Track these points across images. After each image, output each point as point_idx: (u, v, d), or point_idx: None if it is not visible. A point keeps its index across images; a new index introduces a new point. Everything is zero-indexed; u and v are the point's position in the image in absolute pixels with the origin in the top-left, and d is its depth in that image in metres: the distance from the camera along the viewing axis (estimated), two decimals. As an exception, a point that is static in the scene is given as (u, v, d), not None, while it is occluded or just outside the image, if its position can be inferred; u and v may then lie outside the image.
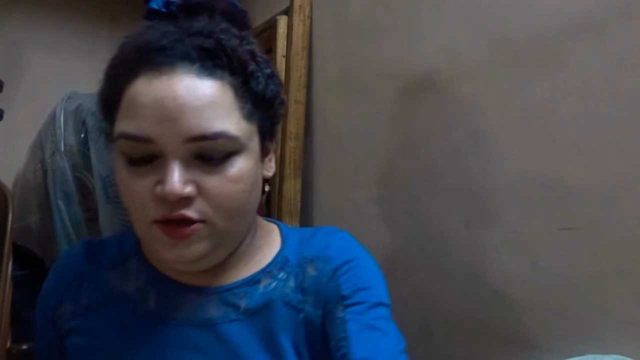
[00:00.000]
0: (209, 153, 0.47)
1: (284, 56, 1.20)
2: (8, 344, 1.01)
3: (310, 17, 1.18)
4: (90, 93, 1.35)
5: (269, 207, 1.27)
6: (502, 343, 0.73)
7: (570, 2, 0.64)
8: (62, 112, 1.37)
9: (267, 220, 0.63)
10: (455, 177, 0.81)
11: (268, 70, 0.53)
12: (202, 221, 0.48)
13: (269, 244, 0.60)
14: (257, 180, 0.54)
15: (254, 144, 0.52)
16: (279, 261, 0.58)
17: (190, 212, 0.47)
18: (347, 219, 1.07)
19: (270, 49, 1.26)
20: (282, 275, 0.57)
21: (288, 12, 1.19)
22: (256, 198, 0.54)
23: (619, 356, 0.55)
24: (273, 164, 0.58)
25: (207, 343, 0.53)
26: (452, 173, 0.81)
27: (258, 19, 1.39)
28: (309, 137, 1.19)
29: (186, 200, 0.47)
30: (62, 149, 1.33)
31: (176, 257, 0.49)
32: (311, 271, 0.57)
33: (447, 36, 0.82)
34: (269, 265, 0.57)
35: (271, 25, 1.26)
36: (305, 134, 1.18)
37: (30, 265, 1.36)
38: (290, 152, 1.16)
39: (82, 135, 1.32)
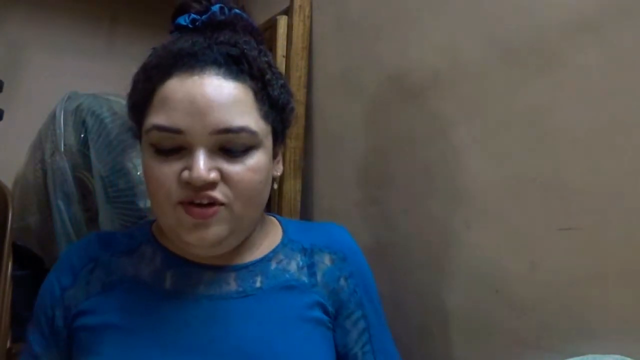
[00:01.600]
0: (231, 145, 0.54)
1: (284, 56, 1.20)
2: (8, 344, 1.01)
3: (310, 17, 1.18)
4: (90, 93, 1.35)
5: (269, 207, 1.27)
6: (502, 343, 0.73)
7: (570, 2, 0.64)
8: (62, 112, 1.37)
9: (265, 214, 0.70)
10: (455, 177, 0.81)
11: (281, 81, 0.60)
12: (222, 204, 0.54)
13: (274, 231, 0.67)
14: (270, 176, 0.60)
15: (269, 142, 0.58)
16: (285, 243, 0.65)
17: (215, 194, 0.53)
18: (347, 219, 1.07)
19: (270, 49, 1.26)
20: (290, 256, 0.64)
21: (288, 12, 1.20)
22: (268, 192, 0.60)
23: (619, 356, 0.55)
24: (281, 165, 0.65)
25: (224, 316, 0.57)
26: (452, 173, 0.81)
27: (258, 19, 1.39)
28: (309, 137, 1.19)
29: (209, 186, 0.53)
30: (62, 149, 1.33)
31: (198, 238, 0.54)
32: (327, 261, 0.65)
33: (447, 36, 0.82)
34: (278, 246, 0.64)
35: (271, 25, 1.26)
36: (305, 134, 1.18)
37: (30, 265, 1.36)
38: (290, 152, 1.16)
39: (82, 135, 1.32)
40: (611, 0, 0.59)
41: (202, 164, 0.52)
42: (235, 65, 0.55)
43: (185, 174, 0.52)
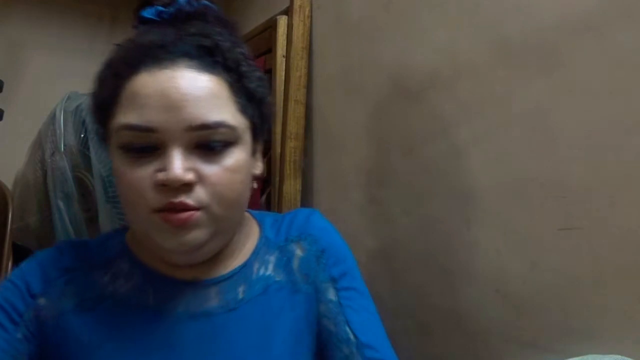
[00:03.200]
0: (208, 142, 0.50)
1: (284, 56, 1.20)
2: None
3: (310, 17, 1.18)
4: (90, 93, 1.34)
5: (269, 207, 1.27)
6: (502, 343, 0.73)
7: (570, 2, 0.64)
8: (62, 112, 1.37)
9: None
10: (455, 177, 0.81)
11: (258, 73, 0.57)
12: (200, 208, 0.50)
13: (253, 231, 0.63)
14: (250, 175, 0.56)
15: (248, 138, 0.55)
16: (264, 243, 0.62)
17: (190, 200, 0.49)
18: (347, 219, 1.07)
19: (270, 49, 1.26)
20: (269, 256, 0.61)
21: (288, 12, 1.19)
22: (249, 191, 0.57)
23: (618, 356, 0.55)
24: (261, 163, 0.61)
25: (209, 333, 0.54)
26: (452, 173, 0.81)
27: (258, 19, 1.40)
28: (309, 137, 1.19)
29: (187, 187, 0.49)
30: (62, 148, 1.33)
31: (177, 245, 0.51)
32: (299, 252, 0.62)
33: (447, 36, 0.82)
34: (257, 249, 0.61)
35: (271, 25, 1.26)
36: (305, 134, 1.18)
37: (30, 265, 1.36)
38: (290, 152, 1.16)
39: (82, 135, 1.32)
40: (611, 0, 0.59)
41: (178, 164, 0.48)
42: (209, 56, 0.52)
43: (160, 175, 0.48)
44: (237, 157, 0.52)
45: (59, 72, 1.60)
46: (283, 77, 1.20)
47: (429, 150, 0.86)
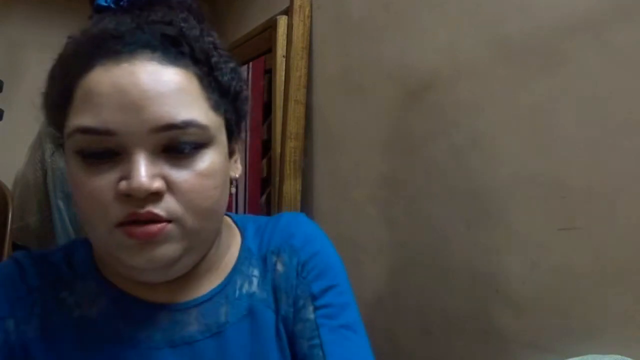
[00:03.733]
0: (177, 144, 0.43)
1: (284, 56, 1.20)
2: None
3: (310, 17, 1.18)
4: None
5: (269, 207, 1.27)
6: (502, 343, 0.73)
7: (570, 2, 0.64)
8: (62, 112, 1.37)
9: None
10: (455, 177, 0.81)
11: (232, 64, 0.50)
12: (171, 220, 0.44)
13: (233, 241, 0.56)
14: (227, 179, 0.50)
15: (222, 137, 0.48)
16: (245, 255, 0.55)
17: (158, 210, 0.43)
18: (347, 219, 1.07)
19: (270, 49, 1.26)
20: (252, 269, 0.54)
21: (288, 12, 1.19)
22: (226, 198, 0.50)
23: (618, 356, 0.55)
24: (239, 165, 0.54)
25: None
26: (452, 173, 0.81)
27: (258, 19, 1.40)
28: (309, 137, 1.19)
29: (154, 197, 0.43)
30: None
31: (146, 261, 0.44)
32: (279, 267, 0.55)
33: (447, 36, 0.82)
34: (238, 262, 0.54)
35: (271, 25, 1.26)
36: (305, 134, 1.18)
37: (30, 265, 1.36)
38: (290, 152, 1.16)
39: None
40: (611, 0, 0.59)
41: (143, 171, 0.42)
42: (174, 47, 0.45)
43: (123, 184, 0.42)
44: (210, 160, 0.45)
45: (59, 72, 1.60)
46: (283, 77, 1.20)
47: (429, 150, 0.86)
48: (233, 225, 0.58)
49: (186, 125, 0.43)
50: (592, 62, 0.61)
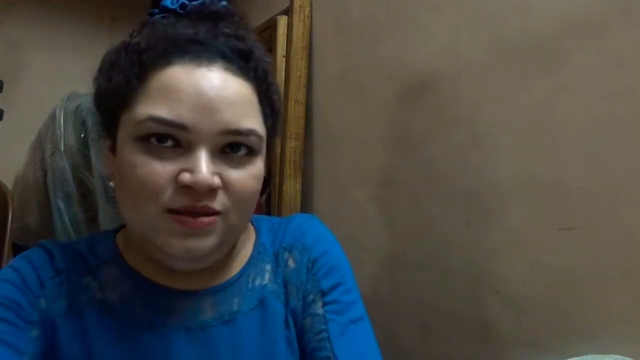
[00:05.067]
0: (236, 148, 0.48)
1: (284, 56, 1.20)
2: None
3: (310, 17, 1.18)
4: (90, 93, 1.34)
5: (269, 207, 1.27)
6: (502, 343, 0.73)
7: (570, 2, 0.64)
8: (62, 112, 1.37)
9: None
10: (455, 177, 0.81)
11: (277, 86, 0.55)
12: (220, 213, 0.48)
13: (249, 236, 0.60)
14: (260, 184, 0.54)
15: (264, 148, 0.53)
16: (259, 251, 0.59)
17: (215, 204, 0.47)
18: (347, 219, 1.07)
19: (270, 49, 1.26)
20: (265, 264, 0.58)
21: (288, 12, 1.20)
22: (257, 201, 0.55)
23: (618, 356, 0.55)
24: (265, 174, 0.58)
25: (203, 347, 0.52)
26: (452, 173, 0.81)
27: (258, 19, 1.40)
28: (309, 137, 1.19)
29: (211, 192, 0.47)
30: (62, 149, 1.33)
31: (185, 249, 0.47)
32: (291, 263, 0.59)
33: (447, 36, 0.82)
34: (252, 257, 0.58)
35: (271, 25, 1.26)
36: (305, 134, 1.18)
37: (30, 265, 1.36)
38: (290, 152, 1.16)
39: (82, 135, 1.32)
40: (611, 0, 0.59)
41: (207, 167, 0.46)
42: (244, 61, 0.50)
43: (187, 176, 0.45)
44: (259, 165, 0.50)
45: (59, 72, 1.60)
46: (283, 77, 1.20)
47: (428, 150, 0.86)
48: (251, 225, 0.62)
49: (249, 133, 0.48)
50: (592, 62, 0.62)
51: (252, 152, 0.49)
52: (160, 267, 0.53)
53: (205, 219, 0.47)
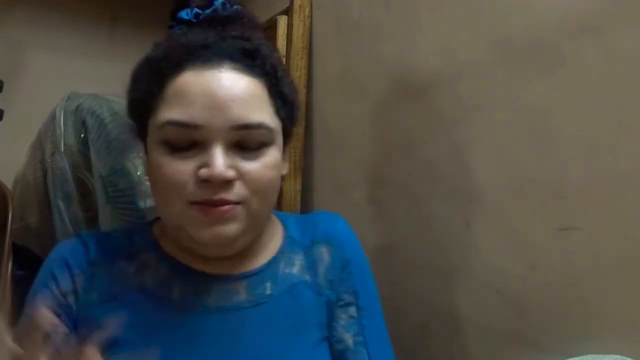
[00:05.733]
0: (247, 142, 0.52)
1: (284, 56, 1.20)
2: (8, 344, 1.01)
3: (310, 17, 1.18)
4: (90, 93, 1.35)
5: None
6: (502, 343, 0.73)
7: (570, 2, 0.64)
8: (62, 112, 1.37)
9: None
10: (455, 177, 0.81)
11: (290, 78, 0.60)
12: (239, 203, 0.52)
13: (277, 230, 0.65)
14: (280, 174, 0.58)
15: (280, 139, 0.57)
16: (289, 242, 0.63)
17: (230, 196, 0.51)
18: (347, 219, 1.07)
19: (270, 49, 1.26)
20: (295, 255, 0.62)
21: (288, 12, 1.19)
22: (278, 189, 0.58)
23: (618, 356, 0.55)
24: (287, 164, 0.63)
25: (235, 328, 0.55)
26: (452, 173, 0.81)
27: (258, 19, 1.39)
28: (309, 137, 1.19)
29: (228, 184, 0.51)
30: (62, 149, 1.33)
31: (211, 237, 0.52)
32: (326, 256, 0.63)
33: (447, 36, 0.82)
34: (282, 247, 0.62)
35: (271, 25, 1.26)
36: (305, 134, 1.18)
37: (30, 265, 1.36)
38: (290, 152, 1.16)
39: (82, 135, 1.32)
40: (612, 1, 0.59)
41: (221, 161, 0.50)
42: (251, 60, 0.54)
43: (204, 171, 0.50)
44: (272, 155, 0.54)
45: (59, 72, 1.60)
46: (283, 77, 1.20)
47: (429, 150, 0.86)
48: (276, 218, 0.66)
49: (258, 126, 0.52)
50: (592, 63, 0.61)
51: (264, 144, 0.53)
52: (194, 254, 0.58)
53: (224, 208, 0.51)
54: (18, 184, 1.52)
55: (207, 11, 0.58)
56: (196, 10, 0.58)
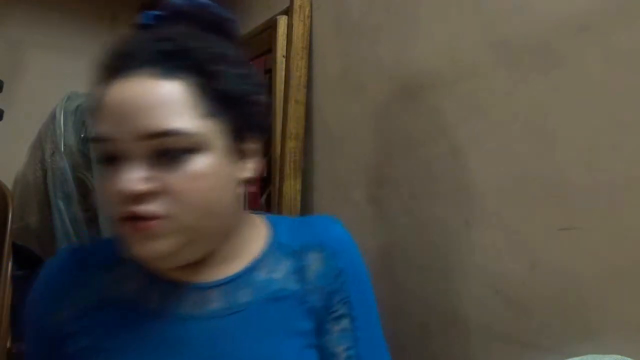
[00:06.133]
0: (166, 151, 0.49)
1: (284, 56, 1.20)
2: (8, 344, 1.01)
3: (310, 17, 1.18)
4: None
5: (269, 207, 1.27)
6: (502, 343, 0.73)
7: (570, 2, 0.64)
8: (62, 112, 1.37)
9: (253, 213, 0.64)
10: (455, 177, 0.81)
11: (240, 70, 0.54)
12: (167, 217, 0.49)
13: (260, 235, 0.61)
14: (230, 180, 0.54)
15: (220, 142, 0.52)
16: (275, 248, 0.60)
17: (154, 207, 0.48)
18: (347, 219, 1.07)
19: (270, 49, 1.26)
20: (281, 261, 0.59)
21: (288, 12, 1.19)
22: (230, 197, 0.54)
23: (618, 356, 0.55)
24: (253, 165, 0.57)
25: (212, 335, 0.54)
26: (452, 173, 0.81)
27: (258, 19, 1.39)
28: (309, 137, 1.19)
29: (149, 197, 0.48)
30: (62, 149, 1.33)
31: (145, 252, 0.50)
32: (317, 263, 0.59)
33: (447, 36, 0.82)
34: (265, 254, 0.59)
35: (271, 25, 1.26)
36: (305, 134, 1.18)
37: (30, 265, 1.36)
38: (290, 152, 1.16)
39: (82, 135, 1.32)
40: (612, 1, 0.59)
41: (129, 174, 0.48)
42: (169, 61, 0.50)
43: (115, 187, 0.48)
44: (202, 163, 0.50)
45: (59, 72, 1.59)
46: (283, 77, 1.20)
47: (429, 150, 0.86)
48: (262, 222, 0.63)
49: (169, 133, 0.48)
50: (593, 63, 0.61)
51: (188, 151, 0.49)
52: None
53: (148, 223, 0.48)
54: (18, 184, 1.52)
55: (164, 12, 0.56)
56: (155, 12, 0.56)
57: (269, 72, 1.27)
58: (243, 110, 0.54)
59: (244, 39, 1.46)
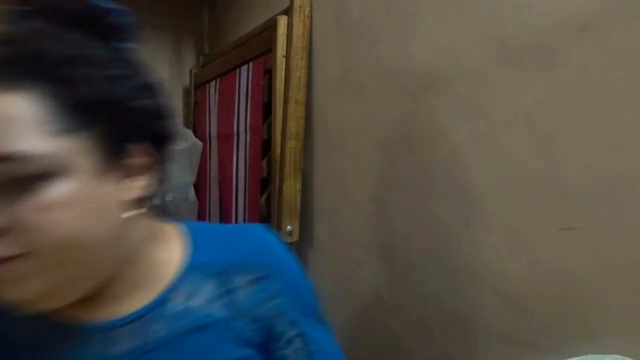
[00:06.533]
0: (11, 179, 0.39)
1: (284, 56, 1.20)
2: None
3: (310, 17, 1.18)
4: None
5: (269, 207, 1.27)
6: (502, 343, 0.73)
7: (570, 2, 0.64)
8: (62, 112, 1.37)
9: (169, 224, 0.55)
10: (455, 177, 0.81)
11: (113, 72, 0.44)
12: (22, 256, 0.41)
13: (170, 254, 0.52)
14: (105, 205, 0.44)
15: (84, 162, 0.42)
16: (192, 270, 0.52)
17: (2, 247, 0.40)
18: (347, 219, 1.07)
19: (270, 49, 1.26)
20: (201, 285, 0.51)
21: (288, 12, 1.19)
22: (111, 224, 0.45)
23: (618, 356, 0.55)
24: (143, 182, 0.48)
25: None
26: (452, 173, 0.81)
27: (258, 19, 1.40)
28: (309, 137, 1.19)
29: None
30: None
31: (11, 297, 0.42)
32: (247, 285, 0.52)
33: (447, 36, 0.82)
34: (180, 278, 0.51)
35: (271, 25, 1.26)
36: (305, 134, 1.18)
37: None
38: (290, 152, 1.16)
39: (82, 135, 1.32)
40: (612, 1, 0.59)
41: None
42: (12, 69, 0.41)
43: None
44: (60, 190, 0.40)
45: None
46: (283, 77, 1.20)
47: (429, 150, 0.86)
48: (176, 236, 0.54)
49: (16, 157, 0.39)
50: (593, 63, 0.61)
51: (41, 177, 0.40)
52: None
53: (3, 266, 0.40)
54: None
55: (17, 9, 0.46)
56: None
57: (269, 72, 1.27)
58: (119, 119, 0.44)
59: (243, 39, 1.47)
